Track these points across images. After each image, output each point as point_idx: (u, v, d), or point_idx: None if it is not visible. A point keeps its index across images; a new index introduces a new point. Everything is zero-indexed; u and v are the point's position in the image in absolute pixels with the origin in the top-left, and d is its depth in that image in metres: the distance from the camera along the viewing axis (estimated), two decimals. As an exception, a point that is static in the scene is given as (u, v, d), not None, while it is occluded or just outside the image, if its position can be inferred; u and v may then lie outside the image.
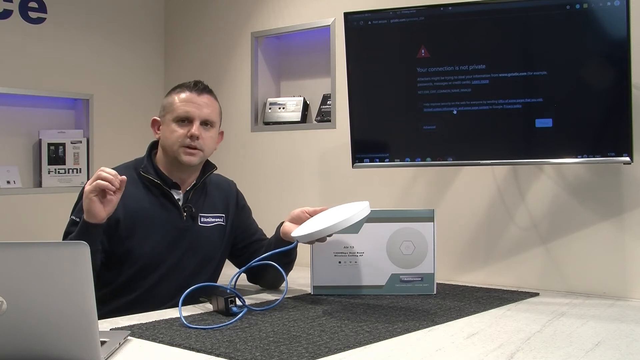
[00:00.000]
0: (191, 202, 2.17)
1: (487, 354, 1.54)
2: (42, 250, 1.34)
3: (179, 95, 2.15)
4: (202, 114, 2.12)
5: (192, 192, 2.18)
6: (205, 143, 2.13)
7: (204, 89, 2.17)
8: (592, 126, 2.26)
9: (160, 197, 2.14)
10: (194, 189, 2.19)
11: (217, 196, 2.27)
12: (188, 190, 2.18)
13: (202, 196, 2.22)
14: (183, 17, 3.80)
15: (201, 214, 2.19)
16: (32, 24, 3.38)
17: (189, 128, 2.10)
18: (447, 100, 2.40)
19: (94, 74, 3.60)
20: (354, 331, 1.71)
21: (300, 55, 3.41)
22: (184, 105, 2.12)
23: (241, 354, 1.49)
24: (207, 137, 2.13)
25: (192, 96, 2.13)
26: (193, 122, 2.11)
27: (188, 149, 2.10)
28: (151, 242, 2.10)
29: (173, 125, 2.12)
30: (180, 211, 2.15)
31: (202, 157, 2.15)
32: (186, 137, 2.09)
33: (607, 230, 2.37)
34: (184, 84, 2.18)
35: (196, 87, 2.15)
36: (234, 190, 2.34)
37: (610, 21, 2.17)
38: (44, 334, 1.32)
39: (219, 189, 2.29)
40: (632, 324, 1.89)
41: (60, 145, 3.44)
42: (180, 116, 2.11)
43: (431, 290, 2.25)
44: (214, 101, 2.19)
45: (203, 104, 2.14)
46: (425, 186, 2.78)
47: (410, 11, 2.44)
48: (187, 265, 2.15)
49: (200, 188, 2.21)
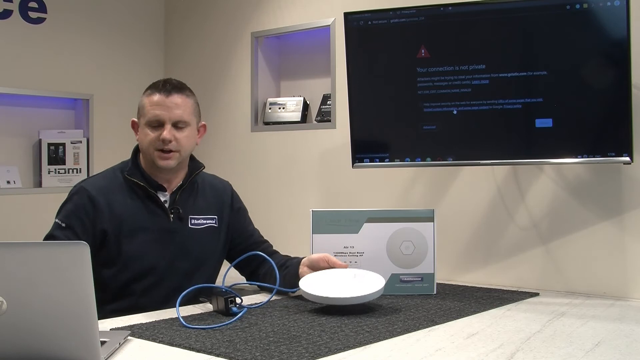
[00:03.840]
0: (179, 203, 2.13)
1: (487, 354, 1.54)
2: (42, 250, 1.34)
3: (149, 98, 2.08)
4: (172, 116, 2.05)
5: (180, 193, 2.14)
6: (181, 144, 2.07)
7: (174, 89, 2.08)
8: (592, 126, 2.26)
9: (146, 199, 2.10)
10: (181, 189, 2.14)
11: (210, 197, 2.22)
12: (175, 191, 2.14)
13: (191, 197, 2.17)
14: (183, 17, 3.80)
15: (191, 215, 2.15)
16: (32, 24, 3.39)
17: (160, 132, 2.05)
18: (447, 100, 2.40)
19: (94, 74, 3.61)
20: (354, 331, 1.71)
21: (300, 55, 3.41)
22: (153, 108, 2.06)
23: (241, 354, 1.49)
24: (181, 137, 2.07)
25: (161, 99, 2.06)
26: (164, 126, 2.05)
27: (162, 153, 2.06)
28: (138, 245, 2.07)
29: (146, 129, 2.07)
30: (167, 213, 2.11)
31: (180, 157, 2.09)
32: (159, 141, 2.05)
33: (607, 230, 2.37)
34: (154, 85, 2.11)
35: (165, 89, 2.07)
36: (228, 191, 2.30)
37: (610, 21, 2.17)
38: (44, 334, 1.32)
39: (212, 190, 2.25)
40: (632, 324, 1.89)
41: (60, 145, 3.45)
42: (150, 120, 2.06)
43: (431, 290, 2.25)
44: (186, 99, 2.10)
45: (173, 106, 2.06)
46: (425, 186, 2.78)
47: (410, 11, 2.44)
48: (180, 268, 2.11)
49: (188, 189, 2.17)
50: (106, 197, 2.07)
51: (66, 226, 2.04)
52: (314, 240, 2.25)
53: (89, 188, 2.08)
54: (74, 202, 2.08)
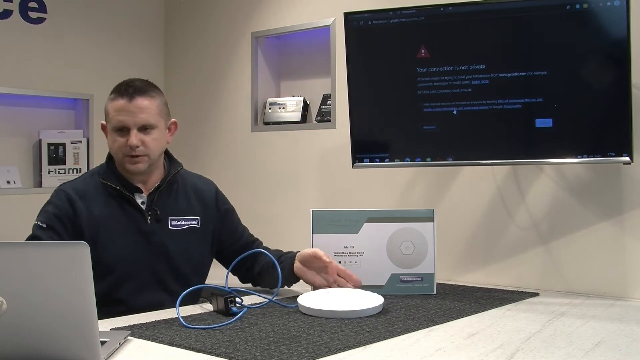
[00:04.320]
0: (157, 204, 2.10)
1: (487, 354, 1.54)
2: (42, 250, 1.35)
3: (113, 104, 2.05)
4: (137, 120, 2.02)
5: (157, 194, 2.10)
6: (149, 147, 2.04)
7: (136, 92, 2.04)
8: (592, 126, 2.26)
9: (123, 202, 2.07)
10: (159, 190, 2.11)
11: (192, 198, 2.18)
12: (152, 192, 2.11)
13: (170, 198, 2.14)
14: (183, 17, 3.80)
15: (171, 217, 2.12)
16: (32, 24, 3.39)
17: (127, 137, 2.02)
18: (447, 100, 2.40)
19: (94, 74, 3.60)
20: (354, 331, 1.71)
21: (300, 55, 3.41)
22: (117, 114, 2.03)
23: (241, 354, 1.49)
24: (149, 140, 2.03)
25: (125, 104, 2.02)
26: (130, 131, 2.02)
27: (131, 158, 2.03)
28: (117, 250, 2.04)
29: (113, 134, 2.04)
30: (145, 215, 2.08)
31: (149, 160, 2.06)
32: (126, 147, 2.02)
33: (607, 230, 2.37)
34: (117, 89, 2.07)
35: (127, 93, 2.03)
36: (212, 191, 2.25)
37: (610, 21, 2.17)
38: (44, 334, 1.32)
39: (194, 191, 2.20)
40: (632, 324, 1.89)
41: (60, 145, 3.44)
42: (116, 127, 2.04)
43: (431, 290, 2.25)
44: (151, 100, 2.06)
45: (137, 110, 2.02)
46: (425, 186, 2.78)
47: (410, 11, 2.44)
48: (162, 270, 2.09)
49: (166, 189, 2.13)
50: (84, 201, 2.05)
51: (47, 227, 2.01)
52: (314, 240, 2.25)
53: (69, 191, 2.07)
54: (54, 204, 2.06)
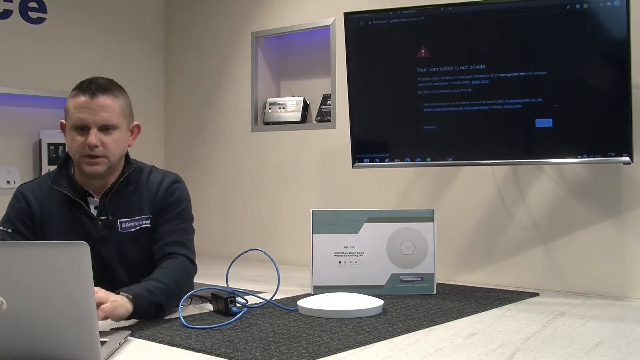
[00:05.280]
0: (108, 208, 1.97)
1: (487, 354, 1.54)
2: (42, 250, 1.35)
3: (73, 100, 1.93)
4: (98, 119, 1.90)
5: (108, 198, 1.97)
6: (108, 148, 1.91)
7: (98, 89, 1.93)
8: (592, 126, 2.26)
9: (74, 208, 1.96)
10: (110, 193, 1.98)
11: (144, 196, 2.03)
12: (103, 195, 1.98)
13: (121, 200, 1.99)
14: (183, 18, 3.80)
15: (121, 219, 1.98)
16: (32, 24, 3.38)
17: (86, 136, 1.89)
18: (447, 100, 2.40)
19: (94, 74, 3.55)
20: (354, 331, 1.71)
21: (300, 55, 3.41)
22: (78, 112, 1.90)
23: (241, 354, 1.49)
24: (109, 141, 1.91)
25: (86, 101, 1.91)
26: (90, 130, 1.90)
27: (89, 159, 1.90)
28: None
29: (72, 133, 1.92)
30: (95, 221, 1.96)
31: (108, 163, 1.93)
32: (85, 146, 1.89)
33: (607, 230, 2.37)
34: (79, 85, 1.96)
35: (89, 89, 1.92)
36: (165, 184, 2.05)
37: (610, 21, 2.17)
38: (44, 334, 1.32)
39: (147, 188, 2.04)
40: (632, 324, 1.89)
41: (60, 145, 3.44)
42: (75, 125, 1.91)
43: (431, 290, 2.25)
44: (114, 99, 1.95)
45: (98, 108, 1.90)
46: (425, 186, 2.79)
47: (410, 11, 2.44)
48: (120, 276, 1.98)
49: (117, 192, 1.99)
50: (40, 205, 1.98)
51: (13, 231, 1.95)
52: (314, 240, 2.26)
53: (26, 192, 1.99)
54: (14, 207, 1.99)
